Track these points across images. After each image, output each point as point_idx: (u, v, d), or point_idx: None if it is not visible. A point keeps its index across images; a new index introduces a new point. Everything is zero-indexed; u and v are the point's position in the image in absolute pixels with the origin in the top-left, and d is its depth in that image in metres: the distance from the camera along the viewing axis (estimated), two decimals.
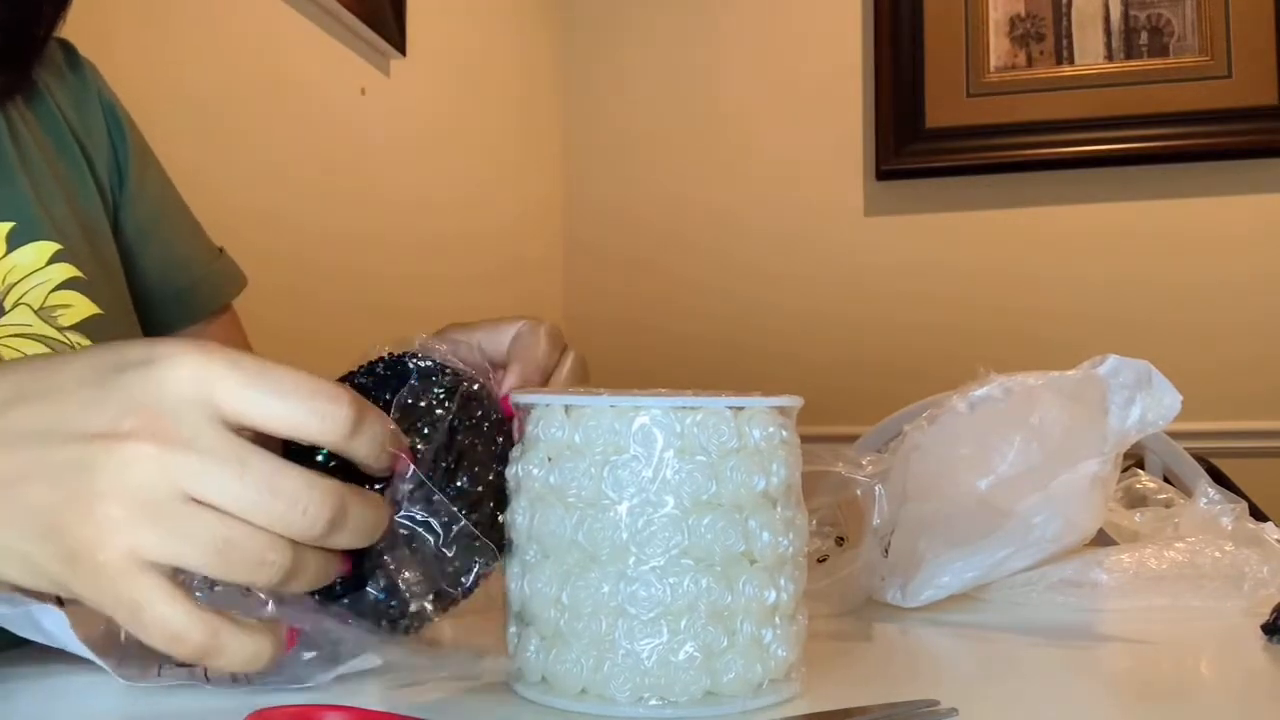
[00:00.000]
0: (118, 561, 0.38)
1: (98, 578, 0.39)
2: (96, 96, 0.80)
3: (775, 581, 0.47)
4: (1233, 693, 0.56)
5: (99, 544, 0.39)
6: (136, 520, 0.38)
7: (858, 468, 0.70)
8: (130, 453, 0.39)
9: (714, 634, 0.45)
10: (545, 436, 0.47)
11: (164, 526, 0.39)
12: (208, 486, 0.39)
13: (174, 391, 0.39)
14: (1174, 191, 2.17)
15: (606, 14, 2.45)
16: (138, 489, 0.38)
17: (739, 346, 2.32)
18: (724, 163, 2.37)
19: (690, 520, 0.45)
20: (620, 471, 0.45)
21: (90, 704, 0.49)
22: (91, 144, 0.78)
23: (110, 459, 0.39)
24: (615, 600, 0.45)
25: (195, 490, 0.39)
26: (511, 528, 0.48)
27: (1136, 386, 0.71)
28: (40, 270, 0.69)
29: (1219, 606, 0.70)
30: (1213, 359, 2.06)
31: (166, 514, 0.39)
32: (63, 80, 0.78)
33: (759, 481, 0.46)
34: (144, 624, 0.39)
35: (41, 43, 0.73)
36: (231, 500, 0.39)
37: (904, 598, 0.70)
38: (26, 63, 0.72)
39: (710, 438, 0.45)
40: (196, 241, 0.86)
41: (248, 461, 0.39)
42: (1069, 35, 2.23)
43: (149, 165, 0.83)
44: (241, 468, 0.39)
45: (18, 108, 0.73)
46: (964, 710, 0.45)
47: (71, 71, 0.79)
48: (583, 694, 0.46)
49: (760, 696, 0.47)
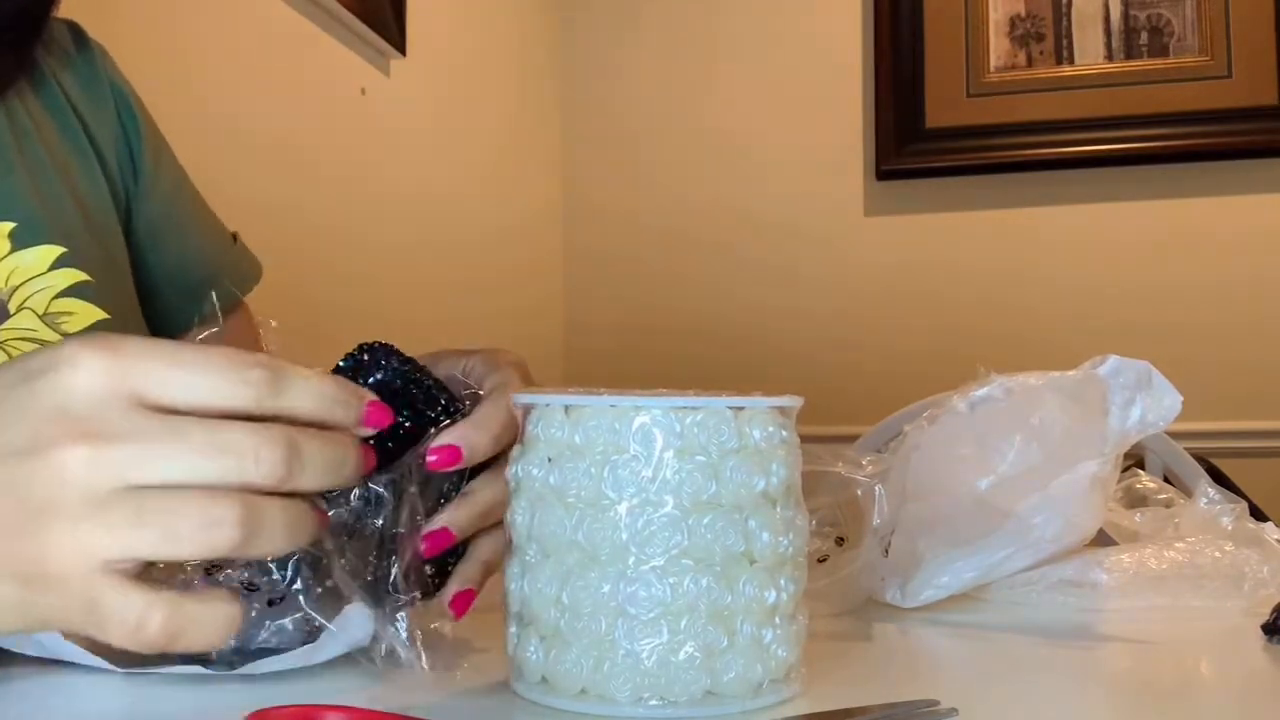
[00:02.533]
0: (71, 570, 0.37)
1: (57, 593, 0.38)
2: (106, 82, 0.77)
3: (775, 581, 0.47)
4: (1233, 693, 0.56)
5: (49, 558, 0.37)
6: (80, 524, 0.37)
7: (858, 468, 0.70)
8: (60, 459, 0.37)
9: (714, 634, 0.45)
10: (545, 436, 0.47)
11: (109, 522, 0.37)
12: (149, 468, 0.38)
13: (86, 390, 0.38)
14: (1174, 191, 2.17)
15: (606, 14, 2.45)
16: (77, 493, 0.37)
17: (739, 347, 2.32)
18: (724, 163, 2.37)
19: (690, 520, 0.45)
20: (620, 471, 0.45)
21: (90, 703, 0.48)
22: (100, 134, 0.75)
23: (42, 472, 0.37)
24: (615, 600, 0.45)
25: (137, 477, 0.38)
26: (511, 528, 0.48)
27: (1137, 387, 0.71)
28: (43, 275, 0.67)
29: (1219, 606, 0.70)
30: (1213, 359, 2.06)
31: (110, 509, 0.37)
32: (70, 65, 0.75)
33: (759, 481, 0.46)
34: (104, 623, 0.38)
35: (40, 22, 0.70)
36: (178, 472, 0.38)
37: (904, 598, 0.70)
38: (27, 45, 0.69)
39: (710, 438, 0.45)
40: (212, 234, 0.83)
41: (182, 430, 0.38)
42: (1069, 35, 2.23)
43: (162, 154, 0.80)
44: (178, 437, 0.38)
45: (21, 96, 0.70)
46: (964, 710, 0.45)
47: (79, 54, 0.76)
48: (582, 694, 0.46)
49: (760, 697, 0.47)
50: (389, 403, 0.45)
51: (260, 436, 0.38)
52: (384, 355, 0.53)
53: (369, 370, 0.52)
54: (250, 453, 0.38)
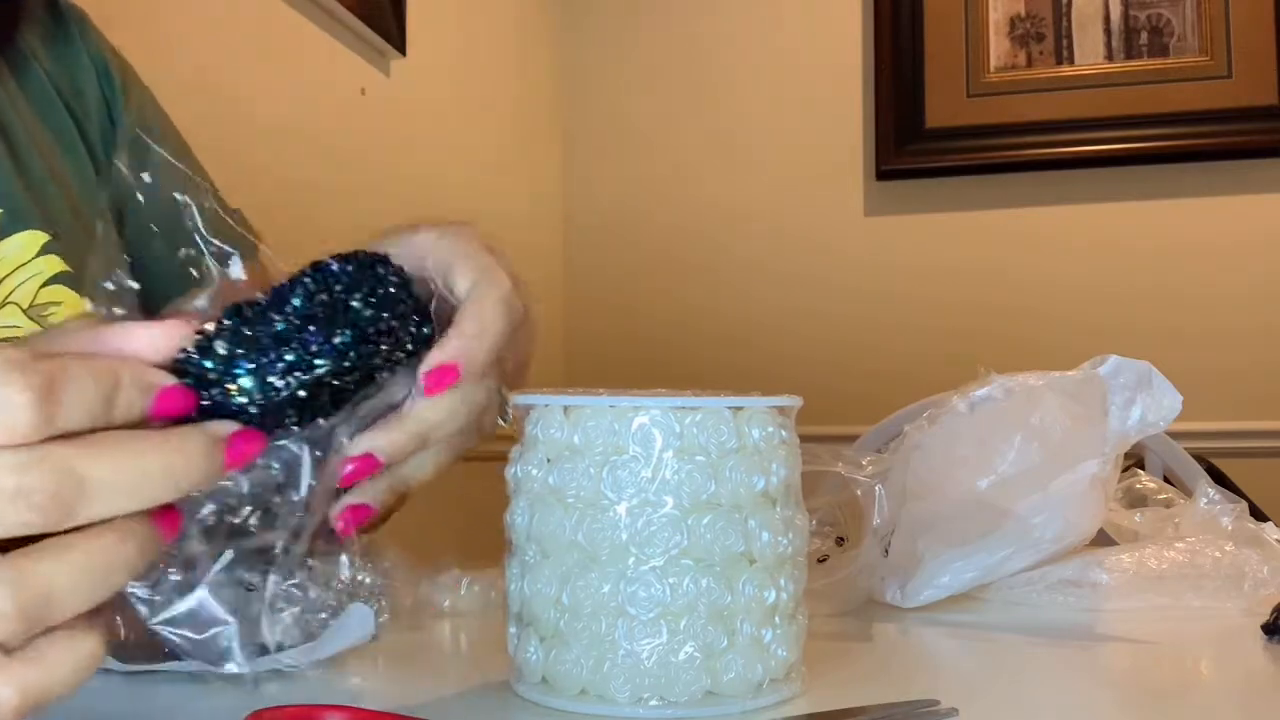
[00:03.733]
0: None
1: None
2: (83, 52, 0.73)
3: (775, 581, 0.47)
4: (1233, 693, 0.56)
5: None
6: None
7: (858, 468, 0.70)
8: None
9: (714, 634, 0.45)
10: (544, 437, 0.47)
11: None
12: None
13: None
14: (1174, 191, 2.17)
15: (606, 14, 2.45)
16: None
17: (738, 346, 2.32)
18: (724, 163, 2.37)
19: (690, 520, 0.45)
20: (620, 472, 0.45)
21: (90, 702, 0.48)
22: (80, 107, 0.72)
23: None
24: (615, 600, 0.45)
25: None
26: (511, 528, 0.48)
27: (1137, 387, 0.71)
28: (28, 264, 0.65)
29: (1219, 606, 0.70)
30: (1213, 359, 2.06)
31: None
32: (50, 39, 0.72)
33: (759, 481, 0.46)
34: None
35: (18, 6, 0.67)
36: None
37: (904, 598, 0.70)
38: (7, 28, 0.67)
39: (710, 438, 0.45)
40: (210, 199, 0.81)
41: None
42: (1069, 35, 2.23)
43: (149, 117, 0.76)
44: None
45: (0, 77, 0.67)
46: (964, 710, 0.45)
47: (56, 26, 0.73)
48: (582, 694, 0.46)
49: (760, 697, 0.47)
50: None
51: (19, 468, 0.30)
52: None
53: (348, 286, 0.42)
54: (17, 498, 0.30)
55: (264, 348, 0.39)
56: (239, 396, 0.37)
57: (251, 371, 0.38)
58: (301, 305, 0.40)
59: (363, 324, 0.41)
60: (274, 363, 0.38)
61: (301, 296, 0.40)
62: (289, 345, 0.39)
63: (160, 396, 0.35)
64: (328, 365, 0.39)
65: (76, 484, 0.31)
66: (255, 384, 0.38)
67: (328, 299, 0.41)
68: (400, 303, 0.43)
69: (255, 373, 0.38)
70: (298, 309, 0.40)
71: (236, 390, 0.37)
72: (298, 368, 0.39)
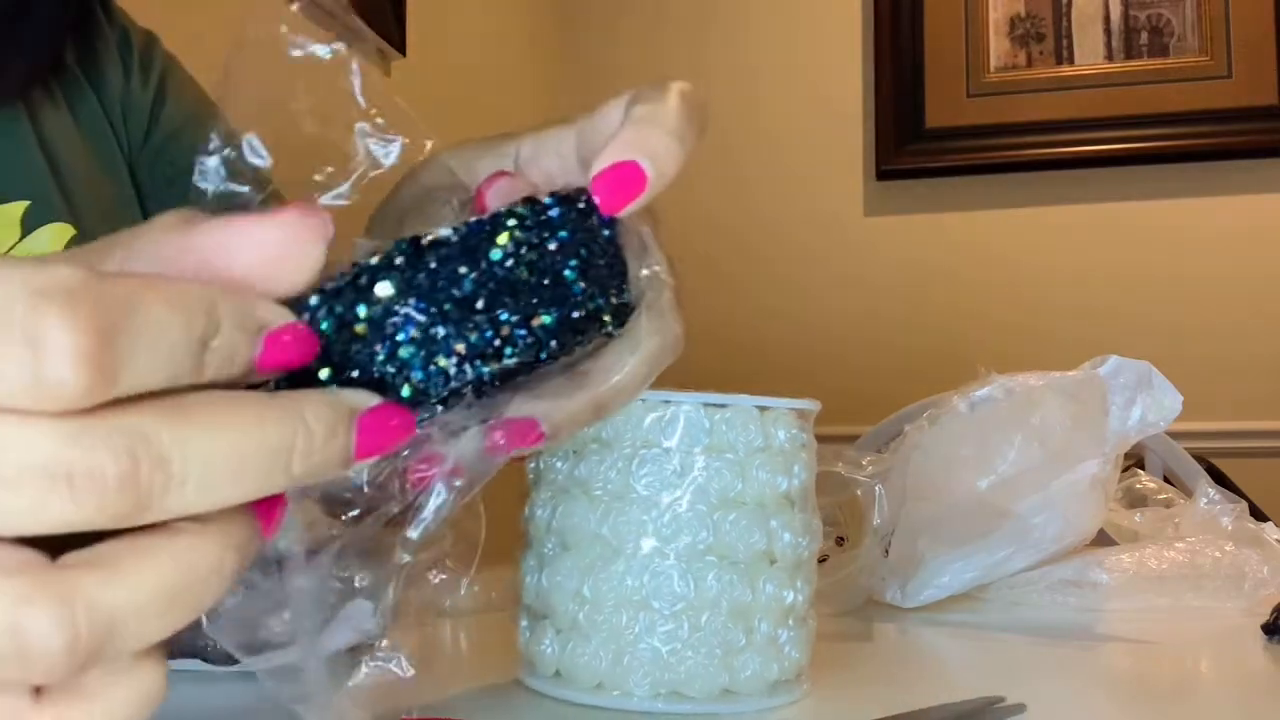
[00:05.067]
0: None
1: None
2: (105, 25, 0.72)
3: (793, 583, 0.47)
4: (1233, 693, 0.56)
5: None
6: None
7: (858, 468, 0.70)
8: None
9: (733, 632, 0.45)
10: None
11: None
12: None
13: None
14: (1174, 191, 2.17)
15: (606, 14, 2.45)
16: None
17: (738, 346, 2.32)
18: (723, 163, 2.37)
19: (716, 516, 0.45)
20: (649, 465, 0.45)
21: None
22: (105, 89, 0.71)
23: None
24: (639, 594, 0.45)
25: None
26: (530, 521, 0.48)
27: (1137, 387, 0.71)
28: None
29: (1219, 606, 0.70)
30: (1213, 359, 2.06)
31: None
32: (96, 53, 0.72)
33: (782, 482, 0.47)
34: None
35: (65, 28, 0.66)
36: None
37: (904, 598, 0.70)
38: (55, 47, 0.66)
39: (738, 435, 0.46)
40: None
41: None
42: (1069, 35, 2.23)
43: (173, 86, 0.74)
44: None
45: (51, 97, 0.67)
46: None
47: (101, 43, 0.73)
48: (599, 688, 0.45)
49: (775, 696, 0.47)
50: None
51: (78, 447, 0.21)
52: None
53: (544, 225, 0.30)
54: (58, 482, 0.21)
55: (441, 314, 0.27)
56: (389, 365, 0.27)
57: (416, 341, 0.27)
58: (502, 260, 0.28)
59: (572, 304, 0.29)
60: (449, 339, 0.27)
61: (505, 248, 0.28)
62: (474, 320, 0.27)
63: (270, 341, 0.25)
64: (518, 358, 0.28)
65: (154, 465, 0.22)
66: (418, 359, 0.27)
67: (537, 258, 0.29)
68: (618, 276, 0.32)
69: (421, 344, 0.27)
70: (496, 267, 0.28)
71: (388, 359, 0.27)
72: (479, 354, 0.28)
